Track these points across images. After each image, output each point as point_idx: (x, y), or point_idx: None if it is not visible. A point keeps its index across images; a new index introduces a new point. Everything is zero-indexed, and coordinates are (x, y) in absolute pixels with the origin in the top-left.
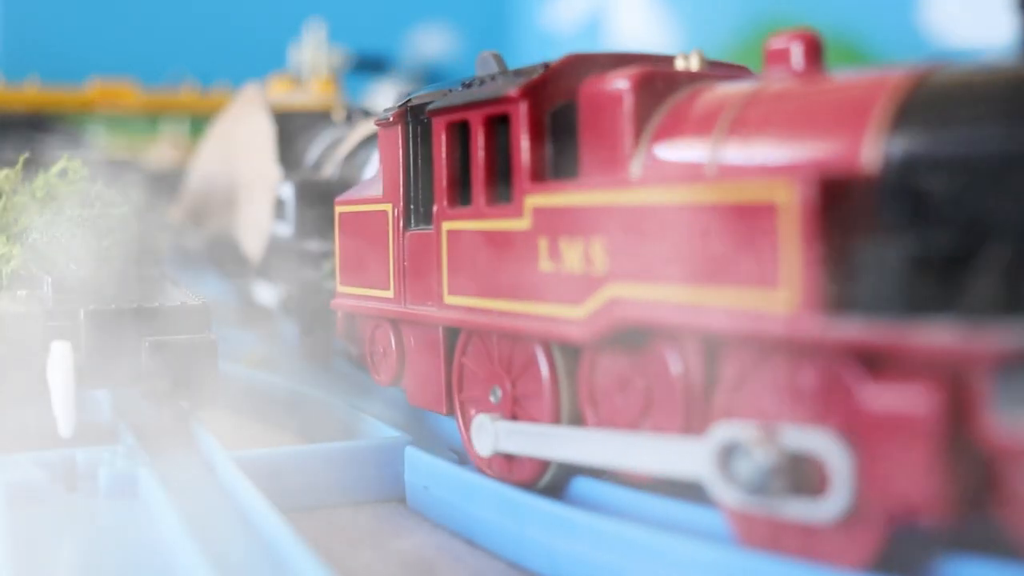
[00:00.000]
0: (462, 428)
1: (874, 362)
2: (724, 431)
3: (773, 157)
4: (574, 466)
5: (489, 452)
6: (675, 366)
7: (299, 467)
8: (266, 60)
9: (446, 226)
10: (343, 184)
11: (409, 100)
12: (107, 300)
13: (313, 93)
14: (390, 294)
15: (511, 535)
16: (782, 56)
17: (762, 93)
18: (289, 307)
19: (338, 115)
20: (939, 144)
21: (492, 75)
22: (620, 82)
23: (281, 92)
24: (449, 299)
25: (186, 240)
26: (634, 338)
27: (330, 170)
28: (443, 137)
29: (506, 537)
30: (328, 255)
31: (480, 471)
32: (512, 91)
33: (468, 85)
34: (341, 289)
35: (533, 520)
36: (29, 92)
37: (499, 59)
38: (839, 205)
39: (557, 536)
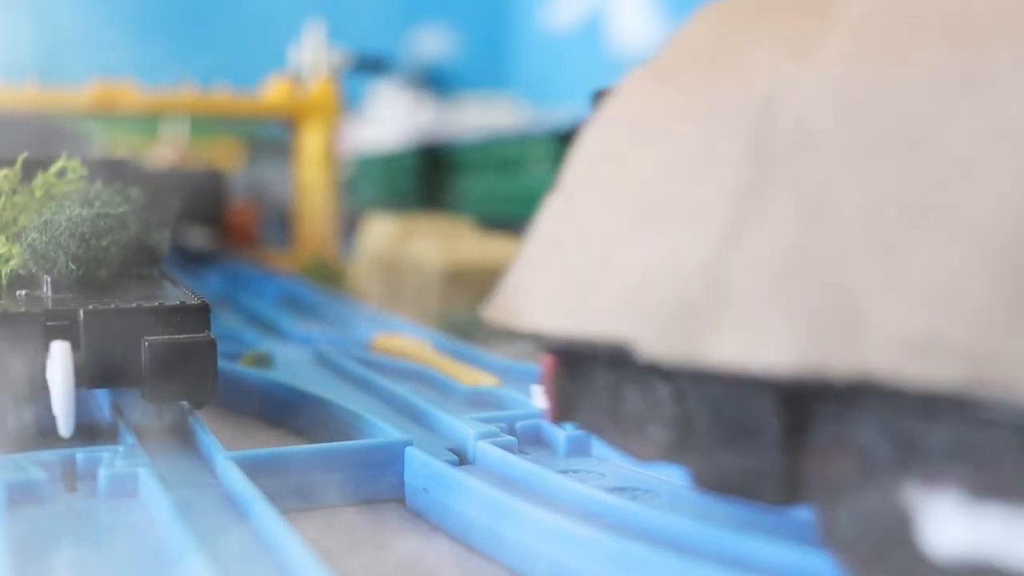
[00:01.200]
0: None
1: None
2: None
3: None
4: None
5: None
6: None
7: (299, 467)
8: (266, 60)
9: None
10: None
11: None
12: (106, 300)
13: None
14: None
15: (509, 540)
16: None
17: None
18: None
19: None
20: None
21: None
22: None
23: None
24: None
25: None
26: None
27: None
28: None
29: (504, 542)
30: None
31: None
32: None
33: None
34: None
35: (530, 526)
36: (29, 92)
37: None
38: None
39: (553, 543)
